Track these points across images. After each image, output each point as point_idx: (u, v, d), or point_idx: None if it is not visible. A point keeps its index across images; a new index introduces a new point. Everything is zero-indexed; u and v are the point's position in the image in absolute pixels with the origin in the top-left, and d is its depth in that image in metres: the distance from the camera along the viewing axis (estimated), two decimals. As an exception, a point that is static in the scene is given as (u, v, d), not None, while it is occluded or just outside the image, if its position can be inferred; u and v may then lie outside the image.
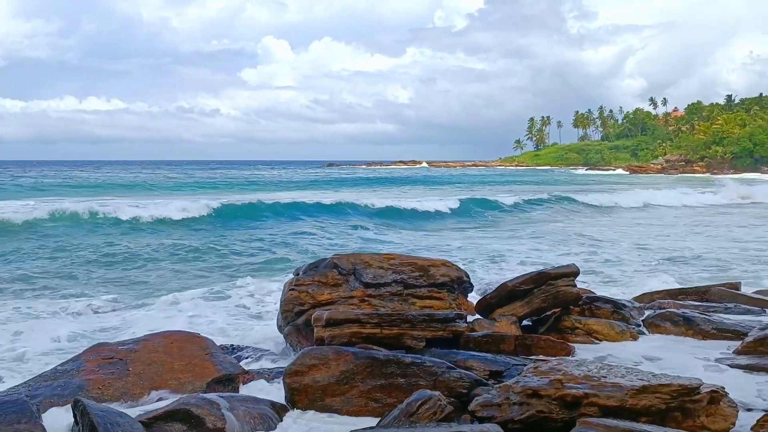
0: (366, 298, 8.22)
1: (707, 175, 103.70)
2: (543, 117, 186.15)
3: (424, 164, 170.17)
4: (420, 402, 5.05)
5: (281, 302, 8.65)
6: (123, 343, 7.06)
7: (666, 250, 19.45)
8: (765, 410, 5.28)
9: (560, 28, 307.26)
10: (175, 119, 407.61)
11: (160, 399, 6.13)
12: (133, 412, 5.52)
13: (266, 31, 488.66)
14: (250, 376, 7.01)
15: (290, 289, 8.50)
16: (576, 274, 8.66)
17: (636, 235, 23.97)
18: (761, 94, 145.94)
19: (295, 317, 8.36)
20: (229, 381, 6.67)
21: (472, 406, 5.33)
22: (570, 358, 7.10)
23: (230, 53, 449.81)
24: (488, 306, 8.67)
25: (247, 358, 8.18)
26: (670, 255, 18.53)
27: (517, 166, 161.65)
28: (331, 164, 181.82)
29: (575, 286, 8.64)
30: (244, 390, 6.67)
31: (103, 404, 5.37)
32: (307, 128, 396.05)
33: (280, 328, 8.77)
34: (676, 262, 17.46)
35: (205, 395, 5.67)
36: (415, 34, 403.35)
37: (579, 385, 5.02)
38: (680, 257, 18.21)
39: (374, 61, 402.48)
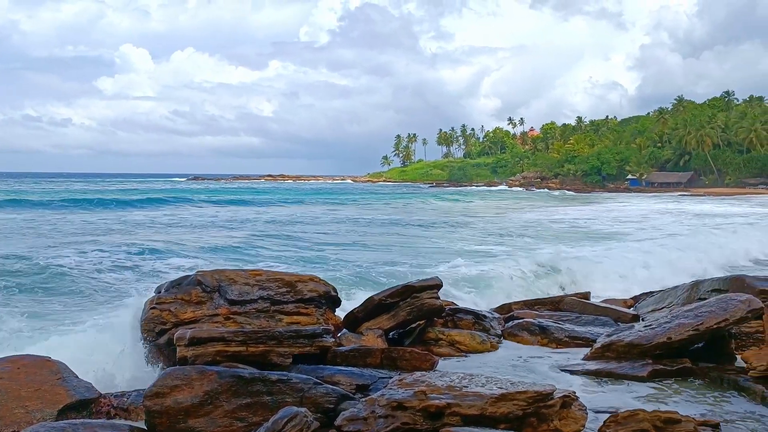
0: (231, 316, 8.04)
1: (562, 191, 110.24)
2: (409, 134, 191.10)
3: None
4: (286, 419, 5.00)
5: (141, 321, 8.29)
6: (-38, 370, 6.49)
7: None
8: (611, 412, 5.65)
9: (415, 47, 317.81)
10: (20, 128, 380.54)
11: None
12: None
13: (126, 39, 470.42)
14: (107, 400, 6.64)
15: (151, 308, 8.17)
16: (439, 286, 8.92)
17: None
18: (608, 116, 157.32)
19: (156, 336, 8.04)
20: (83, 406, 6.30)
21: (338, 421, 5.36)
22: (434, 370, 7.28)
23: (86, 60, 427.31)
24: (356, 320, 8.75)
25: (105, 381, 7.75)
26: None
27: (385, 181, 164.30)
28: (195, 177, 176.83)
29: (438, 298, 8.89)
30: (102, 416, 6.32)
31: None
32: (169, 140, 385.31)
33: (140, 349, 8.40)
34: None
35: (56, 423, 5.34)
36: (277, 47, 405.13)
37: (442, 396, 5.17)
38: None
39: (238, 73, 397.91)
